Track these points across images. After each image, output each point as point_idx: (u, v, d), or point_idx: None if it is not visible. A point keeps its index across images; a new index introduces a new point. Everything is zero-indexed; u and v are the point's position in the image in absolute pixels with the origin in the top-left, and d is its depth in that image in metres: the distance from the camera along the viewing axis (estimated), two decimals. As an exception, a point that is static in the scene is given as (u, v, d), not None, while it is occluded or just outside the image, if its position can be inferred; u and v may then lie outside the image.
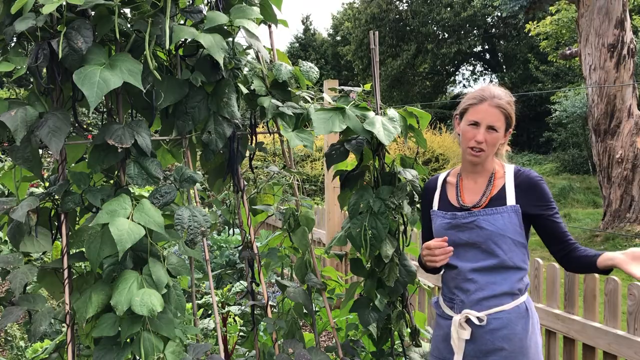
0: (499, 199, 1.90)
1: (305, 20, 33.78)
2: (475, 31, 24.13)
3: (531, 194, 1.88)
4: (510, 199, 1.89)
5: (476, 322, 1.87)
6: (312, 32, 33.74)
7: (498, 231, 1.85)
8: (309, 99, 2.39)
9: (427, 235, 2.11)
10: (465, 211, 1.91)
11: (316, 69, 2.42)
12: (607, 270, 1.78)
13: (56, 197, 1.94)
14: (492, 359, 1.88)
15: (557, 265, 2.75)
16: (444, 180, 2.06)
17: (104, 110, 2.10)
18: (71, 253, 1.95)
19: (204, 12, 2.05)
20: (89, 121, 8.43)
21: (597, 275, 2.58)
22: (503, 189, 1.91)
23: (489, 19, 23.98)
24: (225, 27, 2.08)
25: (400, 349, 2.52)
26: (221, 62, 1.91)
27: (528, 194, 1.89)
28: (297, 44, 33.15)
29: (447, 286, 1.99)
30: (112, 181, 2.04)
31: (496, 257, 1.87)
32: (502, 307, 1.87)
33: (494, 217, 1.86)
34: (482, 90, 1.90)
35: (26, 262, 1.92)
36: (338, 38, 31.09)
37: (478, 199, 1.93)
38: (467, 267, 1.90)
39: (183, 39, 2.10)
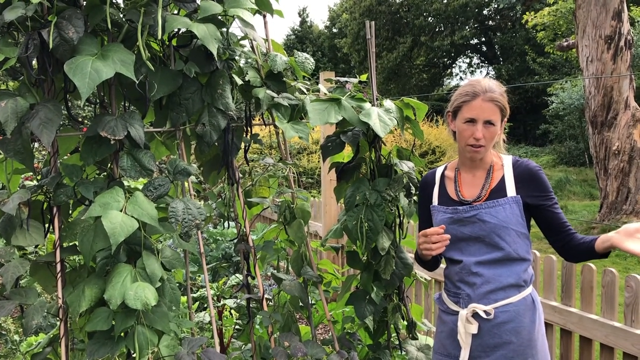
0: (499, 190, 1.87)
1: (302, 12, 33.67)
2: (471, 23, 24.09)
3: (530, 184, 1.86)
4: (510, 190, 1.86)
5: (484, 315, 1.85)
6: (308, 24, 33.64)
7: (501, 223, 1.83)
8: (304, 90, 2.37)
9: (423, 228, 2.09)
10: (466, 205, 1.89)
11: (312, 59, 2.39)
12: (606, 253, 1.77)
13: (48, 189, 1.91)
14: (500, 353, 1.86)
15: (554, 257, 2.74)
16: (442, 174, 2.03)
17: (97, 101, 2.07)
18: (64, 246, 1.93)
19: (198, 1, 2.02)
20: (84, 114, 8.39)
21: (594, 267, 2.57)
22: (502, 180, 1.89)
23: (485, 11, 23.94)
24: (220, 17, 2.05)
25: (397, 342, 2.51)
26: (215, 52, 1.89)
27: (527, 185, 1.86)
28: (294, 36, 33.05)
29: (451, 281, 1.96)
30: (105, 173, 2.01)
31: (501, 250, 1.85)
32: (509, 299, 1.85)
33: (496, 210, 1.84)
34: (472, 86, 1.85)
35: (21, 256, 1.90)
36: (335, 30, 31.00)
37: (477, 192, 1.90)
38: (471, 260, 1.87)
39: (176, 29, 2.08)
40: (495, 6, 22.75)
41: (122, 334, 1.84)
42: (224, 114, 2.11)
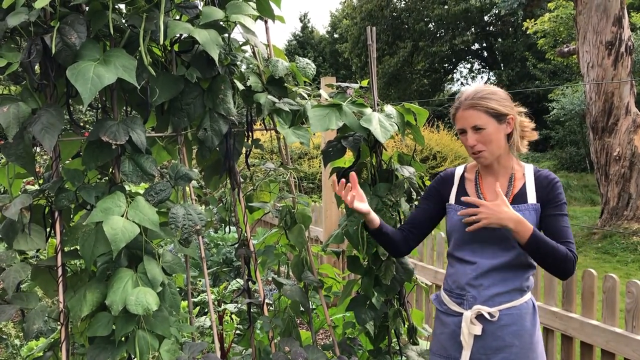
0: (521, 196, 1.90)
1: (303, 18, 33.75)
2: (472, 29, 24.12)
3: (546, 191, 1.89)
4: (531, 197, 1.89)
5: (488, 317, 1.87)
6: (310, 29, 33.71)
7: None
8: (305, 95, 2.37)
9: (417, 214, 2.09)
10: None
11: (313, 65, 2.40)
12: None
13: (50, 194, 1.92)
14: (501, 356, 1.87)
15: (555, 262, 2.74)
16: (462, 175, 2.05)
17: (99, 106, 2.08)
18: (65, 251, 1.93)
19: (200, 7, 2.02)
20: (85, 119, 8.40)
21: (595, 272, 2.57)
22: (524, 187, 1.92)
23: (486, 17, 23.97)
24: (221, 23, 2.06)
25: (398, 347, 2.50)
26: (216, 58, 1.89)
27: (545, 193, 1.89)
28: (295, 42, 33.12)
29: (456, 282, 1.97)
30: (106, 178, 2.02)
31: (514, 254, 1.87)
32: (513, 302, 1.88)
33: None
34: (457, 98, 1.95)
35: (22, 260, 1.90)
36: (336, 36, 31.07)
37: None
38: (485, 263, 1.89)
39: (178, 35, 2.08)
40: (496, 12, 22.78)
41: (123, 339, 1.84)
42: (226, 119, 2.11)
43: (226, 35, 2.11)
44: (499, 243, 1.88)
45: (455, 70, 27.78)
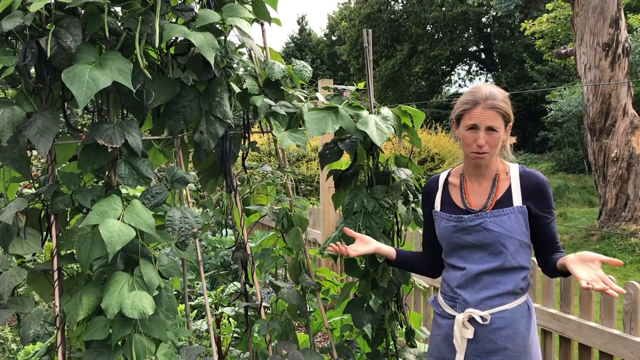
0: (505, 200, 1.88)
1: (300, 20, 33.79)
2: (470, 31, 24.16)
3: (537, 197, 1.87)
4: (517, 200, 1.87)
5: (480, 321, 1.86)
6: (307, 32, 33.76)
7: (505, 232, 1.84)
8: (302, 98, 2.37)
9: (427, 235, 2.10)
10: (472, 214, 1.90)
11: (309, 67, 2.40)
12: (567, 272, 1.78)
13: (46, 197, 1.91)
14: (495, 359, 1.87)
15: (552, 264, 2.74)
16: (446, 180, 2.03)
17: (95, 110, 2.08)
18: (61, 254, 1.93)
19: (196, 10, 2.02)
20: (83, 122, 8.39)
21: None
22: (509, 190, 1.90)
23: (483, 19, 24.02)
24: (217, 26, 2.06)
25: (394, 350, 2.50)
26: (212, 61, 1.89)
27: (534, 196, 1.87)
28: (293, 44, 33.17)
29: (449, 285, 1.97)
30: (102, 181, 2.01)
31: (503, 258, 1.85)
32: (505, 306, 1.86)
33: (501, 219, 1.85)
34: (473, 93, 1.86)
35: (19, 264, 1.90)
36: (334, 38, 31.12)
37: (484, 201, 1.91)
38: (474, 269, 1.88)
39: (174, 38, 2.08)
40: (494, 14, 22.83)
41: (120, 343, 1.83)
42: (222, 121, 2.11)
43: (222, 38, 2.11)
44: (486, 248, 1.87)
45: (453, 72, 27.83)
